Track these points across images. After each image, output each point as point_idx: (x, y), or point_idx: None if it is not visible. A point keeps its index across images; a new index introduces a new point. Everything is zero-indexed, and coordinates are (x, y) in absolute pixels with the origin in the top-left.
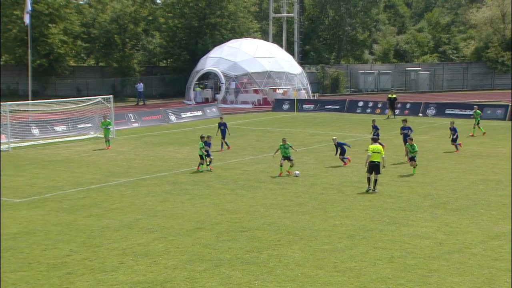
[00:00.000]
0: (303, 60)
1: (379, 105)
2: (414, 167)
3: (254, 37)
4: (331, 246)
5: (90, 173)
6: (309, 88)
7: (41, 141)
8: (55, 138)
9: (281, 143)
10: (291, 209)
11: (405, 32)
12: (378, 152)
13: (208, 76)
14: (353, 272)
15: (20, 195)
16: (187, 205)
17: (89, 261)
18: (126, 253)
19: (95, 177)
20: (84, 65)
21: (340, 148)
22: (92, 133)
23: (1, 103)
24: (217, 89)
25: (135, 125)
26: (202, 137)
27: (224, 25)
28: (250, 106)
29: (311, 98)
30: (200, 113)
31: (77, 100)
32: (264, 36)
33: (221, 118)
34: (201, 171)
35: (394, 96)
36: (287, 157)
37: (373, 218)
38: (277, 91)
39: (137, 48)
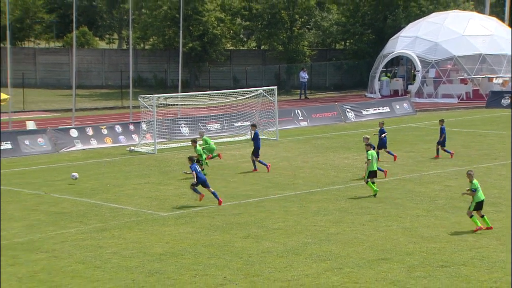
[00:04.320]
0: None
1: None
2: None
3: (464, 9)
4: None
5: (247, 183)
6: None
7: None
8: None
9: None
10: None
11: None
12: None
13: (398, 61)
14: None
15: (167, 207)
16: (368, 228)
17: None
18: (291, 285)
19: (253, 188)
20: (243, 48)
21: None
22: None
23: (147, 95)
24: (410, 78)
25: (303, 124)
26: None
27: None
28: (454, 100)
29: None
30: (387, 109)
31: (234, 92)
32: (479, 7)
33: (441, 121)
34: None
35: None
36: None
37: None
38: (494, 80)
39: (308, 26)
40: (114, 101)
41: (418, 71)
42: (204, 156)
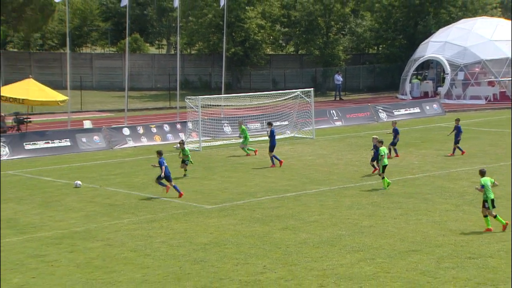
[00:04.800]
0: None
1: None
2: None
3: (492, 15)
4: None
5: (285, 178)
6: None
7: (233, 141)
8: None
9: None
10: None
11: None
12: None
13: (429, 65)
14: None
15: (211, 200)
16: (400, 222)
17: (284, 281)
18: (326, 274)
19: (291, 183)
20: (282, 53)
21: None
22: (289, 132)
23: (193, 96)
24: (440, 80)
25: (338, 123)
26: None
27: (453, 1)
28: (482, 101)
29: None
30: (417, 110)
31: (273, 94)
32: (506, 13)
33: (457, 120)
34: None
35: None
36: None
37: None
38: None
39: (343, 32)
40: (162, 102)
41: (448, 74)
42: (190, 157)
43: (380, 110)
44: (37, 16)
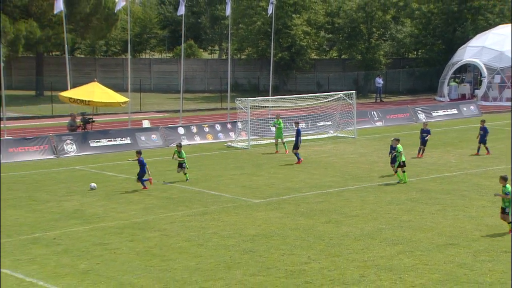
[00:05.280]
0: None
1: None
2: None
3: None
4: None
5: (328, 175)
6: None
7: (279, 139)
8: (293, 136)
9: None
10: None
11: None
12: None
13: (466, 68)
14: None
15: (259, 195)
16: (437, 217)
17: (328, 271)
18: (367, 265)
19: (334, 180)
20: (326, 58)
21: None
22: (331, 131)
23: (242, 98)
24: (477, 83)
25: (379, 124)
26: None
27: (490, 8)
28: None
29: None
30: (455, 111)
31: (318, 96)
32: None
33: (482, 121)
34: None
35: None
36: None
37: None
38: None
39: (384, 38)
40: (214, 104)
41: (484, 77)
42: (186, 161)
43: (419, 111)
44: (102, 25)
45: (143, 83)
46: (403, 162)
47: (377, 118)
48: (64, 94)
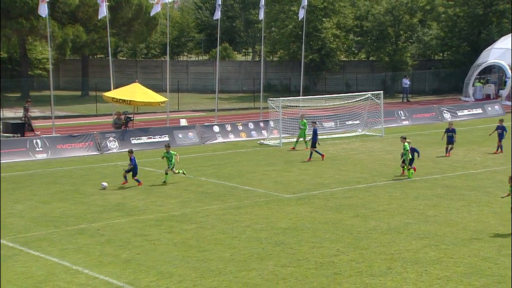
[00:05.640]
0: None
1: None
2: None
3: None
4: None
5: (356, 171)
6: None
7: (309, 137)
8: (323, 135)
9: None
10: None
11: None
12: None
13: (491, 69)
14: None
15: (290, 190)
16: (462, 212)
17: (356, 263)
18: (394, 258)
19: (362, 176)
20: (355, 59)
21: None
22: (360, 130)
23: (274, 98)
24: (501, 84)
25: (405, 123)
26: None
27: None
28: None
29: None
30: (479, 110)
31: (346, 96)
32: None
33: (500, 120)
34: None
35: None
36: None
37: None
38: None
39: (411, 40)
40: (247, 103)
41: (509, 78)
42: (173, 161)
43: (445, 111)
44: (143, 29)
45: (181, 83)
46: (412, 159)
47: (404, 117)
48: (108, 94)
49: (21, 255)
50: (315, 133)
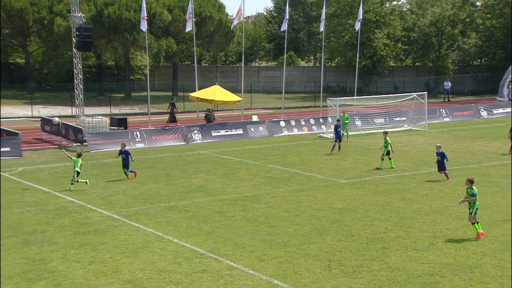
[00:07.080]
0: None
1: None
2: None
3: None
4: None
5: (403, 161)
6: None
7: (362, 131)
8: (374, 129)
9: None
10: None
11: None
12: None
13: None
14: None
15: (345, 176)
16: (497, 197)
17: (402, 239)
18: (436, 235)
19: (407, 165)
20: (402, 65)
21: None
22: (406, 125)
23: (332, 98)
24: None
25: (446, 119)
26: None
27: None
28: None
29: None
30: None
31: (394, 96)
32: None
33: None
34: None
35: None
36: None
37: None
38: None
39: (452, 48)
40: (309, 102)
41: None
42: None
43: (482, 109)
44: (222, 40)
45: (253, 86)
46: (389, 151)
47: (445, 115)
48: (193, 94)
49: (124, 226)
50: (337, 130)
